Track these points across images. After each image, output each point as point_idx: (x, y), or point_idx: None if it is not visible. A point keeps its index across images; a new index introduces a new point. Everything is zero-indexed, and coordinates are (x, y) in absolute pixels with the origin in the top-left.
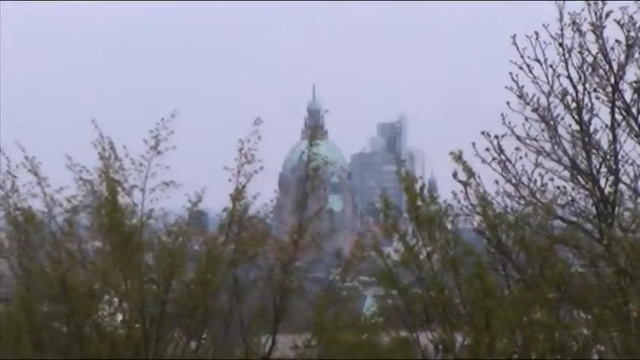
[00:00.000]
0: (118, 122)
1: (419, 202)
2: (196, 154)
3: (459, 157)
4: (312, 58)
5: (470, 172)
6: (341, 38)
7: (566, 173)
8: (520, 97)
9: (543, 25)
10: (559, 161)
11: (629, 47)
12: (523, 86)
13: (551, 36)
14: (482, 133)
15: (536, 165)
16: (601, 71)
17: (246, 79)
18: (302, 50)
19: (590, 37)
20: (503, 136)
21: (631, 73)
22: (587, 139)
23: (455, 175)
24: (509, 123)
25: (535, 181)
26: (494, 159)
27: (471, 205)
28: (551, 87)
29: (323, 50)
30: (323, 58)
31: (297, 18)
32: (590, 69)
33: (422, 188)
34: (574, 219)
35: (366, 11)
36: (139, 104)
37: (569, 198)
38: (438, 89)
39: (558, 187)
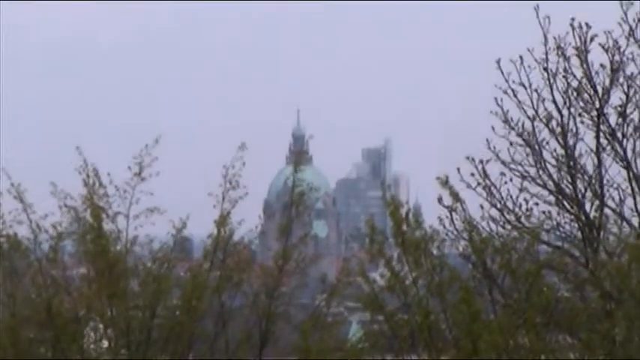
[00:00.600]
0: (101, 149)
1: (404, 228)
2: (180, 180)
3: (445, 183)
4: (297, 83)
5: (456, 197)
6: (325, 63)
7: (552, 198)
8: (505, 121)
9: (528, 50)
10: (544, 186)
11: (614, 72)
12: (508, 111)
13: (536, 60)
14: (467, 158)
15: (521, 190)
16: (586, 95)
17: (231, 105)
18: (286, 76)
19: (575, 61)
20: (488, 160)
21: (616, 98)
22: (572, 163)
23: (440, 200)
24: (494, 148)
25: (520, 205)
26: (479, 184)
27: (457, 230)
28: (536, 111)
29: (307, 76)
30: (307, 83)
31: (282, 42)
32: (574, 93)
33: (407, 213)
34: (560, 244)
35: (350, 36)
36: (122, 131)
37: (555, 222)
38: (422, 114)
39: (544, 212)
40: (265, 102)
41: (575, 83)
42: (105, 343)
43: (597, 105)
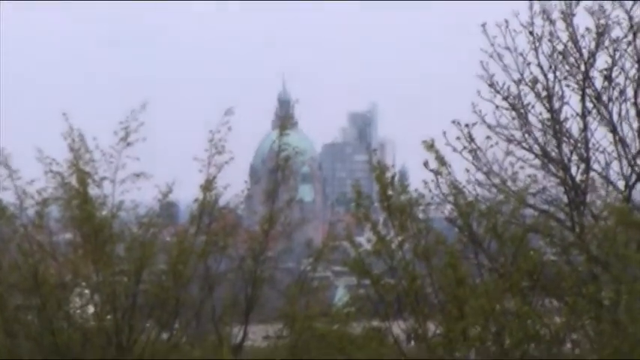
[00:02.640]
0: (87, 113)
1: (390, 192)
2: (166, 145)
3: (431, 146)
4: (283, 47)
5: (442, 161)
6: (312, 27)
7: (537, 161)
8: (490, 85)
9: (513, 13)
10: (530, 149)
11: (600, 35)
12: (493, 74)
13: (522, 24)
14: (453, 121)
15: (507, 153)
16: (571, 59)
17: (217, 69)
18: (272, 40)
19: (561, 25)
20: (473, 124)
21: (601, 61)
22: (557, 127)
23: (426, 164)
24: (480, 111)
25: (506, 169)
26: (464, 148)
27: (442, 193)
28: (522, 75)
29: (293, 40)
30: (293, 48)
31: (268, 7)
32: (560, 57)
33: (393, 177)
34: (546, 207)
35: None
36: (109, 95)
37: (541, 186)
38: (408, 78)
39: (529, 176)
40: (251, 66)
41: (560, 47)
42: (91, 309)
43: (583, 68)
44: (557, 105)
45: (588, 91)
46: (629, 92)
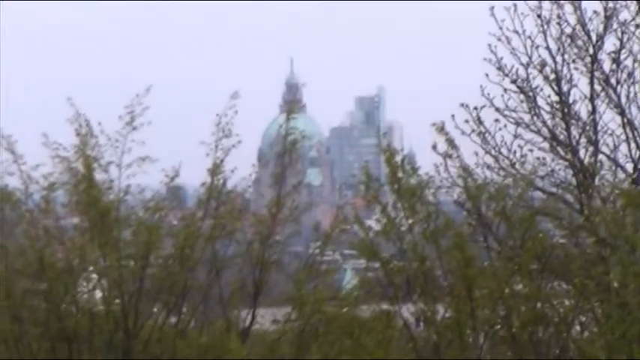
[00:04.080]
0: (93, 99)
1: (400, 174)
2: (173, 128)
3: (441, 129)
4: (291, 31)
5: (452, 144)
6: (318, 11)
7: (546, 144)
8: (499, 68)
9: None
10: (538, 132)
11: (608, 18)
12: (502, 58)
13: (529, 7)
14: (462, 104)
15: (516, 136)
16: (579, 42)
17: (224, 52)
18: (280, 23)
19: (569, 8)
20: (482, 107)
21: (609, 44)
22: (566, 110)
23: (435, 147)
24: (488, 94)
25: (515, 152)
26: (473, 131)
27: (452, 177)
28: (530, 58)
29: (301, 24)
30: (301, 31)
31: None
32: (568, 40)
33: (403, 160)
34: (554, 190)
35: None
36: (114, 80)
37: (549, 169)
38: (416, 61)
39: (538, 159)
40: (259, 50)
41: (568, 30)
42: (98, 294)
43: (591, 51)
44: (565, 88)
45: (596, 73)
46: (638, 75)
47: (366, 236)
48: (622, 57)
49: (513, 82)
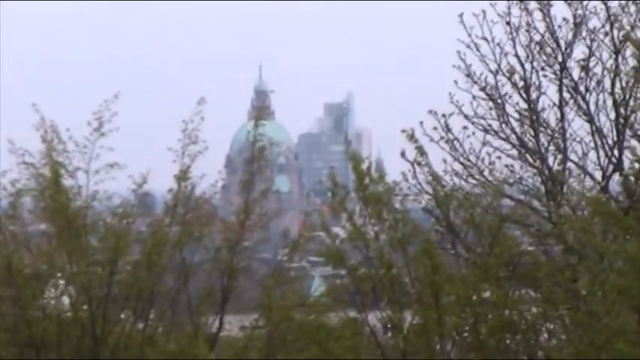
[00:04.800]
0: (60, 105)
1: (366, 181)
2: (142, 135)
3: (411, 136)
4: (259, 38)
5: (421, 151)
6: (287, 18)
7: (514, 151)
8: (467, 75)
9: (490, 4)
10: (507, 140)
11: (577, 25)
12: (470, 65)
13: (499, 14)
14: (430, 111)
15: (484, 143)
16: (548, 49)
17: (192, 58)
18: (249, 30)
19: (538, 15)
20: (450, 114)
21: (578, 51)
22: (534, 117)
23: (403, 153)
24: (457, 102)
25: (483, 159)
26: (442, 138)
27: (420, 183)
28: (499, 65)
29: (270, 30)
30: (270, 38)
31: None
32: (537, 47)
33: (369, 167)
34: (522, 197)
35: None
36: (81, 85)
37: (518, 176)
38: (384, 68)
39: (506, 166)
40: (228, 56)
41: (537, 37)
42: (66, 300)
43: (560, 59)
44: (534, 95)
45: (565, 81)
46: (607, 82)
47: (332, 243)
48: (591, 64)
49: (482, 89)
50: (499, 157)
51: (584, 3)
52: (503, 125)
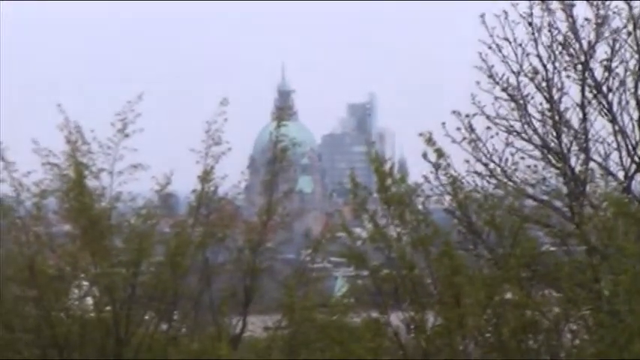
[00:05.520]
0: (84, 106)
1: (388, 182)
2: (165, 135)
3: (429, 140)
4: (283, 37)
5: (440, 154)
6: (311, 17)
7: (537, 152)
8: (489, 76)
9: (512, 4)
10: (529, 140)
11: (599, 25)
12: (492, 66)
13: (520, 15)
14: (453, 112)
15: (507, 144)
16: (571, 50)
17: (215, 59)
18: (272, 29)
19: (560, 15)
20: (473, 115)
21: (601, 51)
22: (557, 117)
23: (425, 155)
24: (479, 102)
25: (506, 160)
26: (464, 138)
27: (442, 185)
28: (521, 66)
29: (293, 30)
30: (293, 38)
31: None
32: (559, 48)
33: (391, 168)
34: (545, 198)
35: None
36: (105, 88)
37: (540, 177)
38: (408, 68)
39: (529, 166)
40: (251, 57)
41: (560, 37)
42: (90, 301)
43: (582, 59)
44: (556, 96)
45: (588, 81)
46: (629, 83)
47: (353, 244)
48: (613, 64)
49: (504, 89)
50: (522, 158)
51: (607, 3)
52: (526, 126)
